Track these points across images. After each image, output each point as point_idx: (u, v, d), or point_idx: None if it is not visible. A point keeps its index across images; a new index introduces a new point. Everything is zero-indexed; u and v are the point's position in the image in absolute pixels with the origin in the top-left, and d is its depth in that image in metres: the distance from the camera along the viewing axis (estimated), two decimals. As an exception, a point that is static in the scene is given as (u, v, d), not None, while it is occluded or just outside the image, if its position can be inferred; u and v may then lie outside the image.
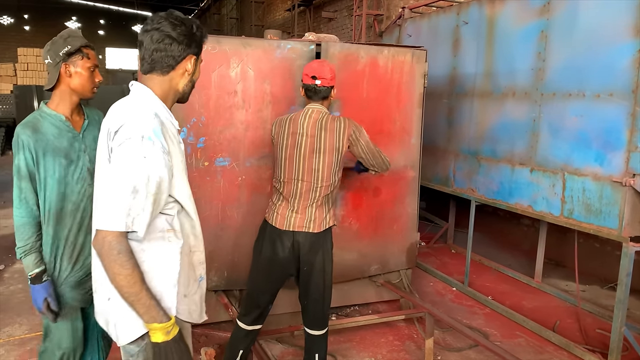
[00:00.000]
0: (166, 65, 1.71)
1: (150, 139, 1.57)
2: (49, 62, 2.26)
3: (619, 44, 3.41)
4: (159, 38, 1.69)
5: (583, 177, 3.69)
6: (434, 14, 5.54)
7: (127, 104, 1.71)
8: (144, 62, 1.72)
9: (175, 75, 1.75)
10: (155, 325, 1.57)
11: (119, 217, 1.53)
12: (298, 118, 2.84)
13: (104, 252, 1.53)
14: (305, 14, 13.92)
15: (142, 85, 1.74)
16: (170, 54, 1.70)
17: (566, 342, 3.83)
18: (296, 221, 2.79)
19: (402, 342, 3.89)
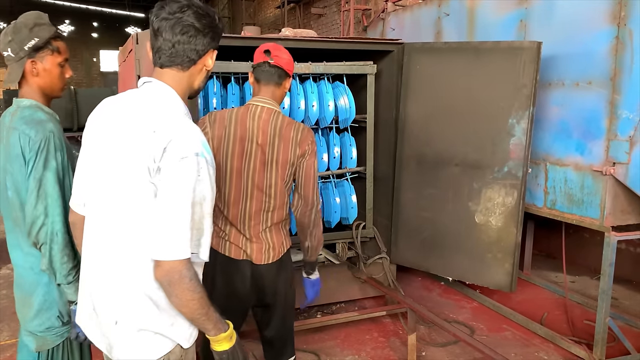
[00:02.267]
0: (187, 59, 1.55)
1: (203, 156, 1.46)
2: (10, 55, 1.94)
3: (597, 31, 3.37)
4: (183, 29, 1.52)
5: (565, 167, 3.65)
6: (416, 7, 5.49)
7: (156, 108, 1.52)
8: (161, 55, 1.54)
9: (194, 70, 1.60)
10: (221, 335, 1.56)
11: (185, 243, 1.43)
12: (245, 118, 2.31)
13: (175, 282, 1.43)
14: (295, 11, 13.86)
15: (165, 85, 1.56)
16: (194, 47, 1.54)
17: (552, 334, 3.80)
18: (253, 252, 2.33)
19: (387, 339, 3.85)
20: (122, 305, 1.53)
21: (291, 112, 4.02)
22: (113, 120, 1.56)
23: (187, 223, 1.43)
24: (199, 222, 1.48)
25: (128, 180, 1.48)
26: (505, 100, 3.67)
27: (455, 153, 3.89)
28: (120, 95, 1.63)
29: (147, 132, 1.46)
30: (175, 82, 1.57)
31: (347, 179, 4.41)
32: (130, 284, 1.51)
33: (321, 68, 4.04)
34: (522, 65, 3.56)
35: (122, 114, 1.55)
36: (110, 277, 1.54)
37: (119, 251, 1.52)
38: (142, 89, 1.58)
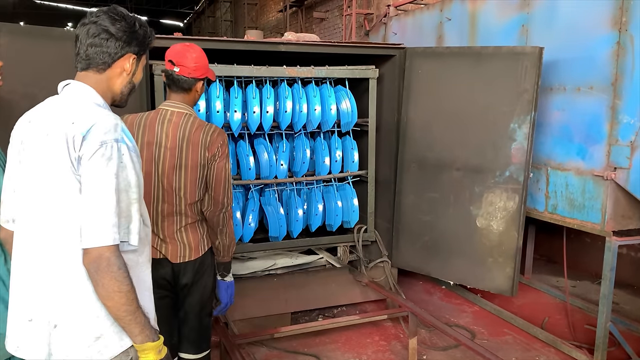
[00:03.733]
0: (101, 62, 1.59)
1: (123, 142, 1.49)
2: None
3: (598, 36, 3.38)
4: (95, 32, 1.57)
5: (566, 172, 3.66)
6: (418, 11, 5.51)
7: (74, 104, 1.55)
8: (79, 58, 1.60)
9: (112, 74, 1.62)
10: (149, 344, 1.51)
11: (112, 229, 1.43)
12: (155, 122, 2.34)
13: (102, 270, 1.42)
14: (297, 15, 13.90)
15: (82, 84, 1.59)
16: (105, 50, 1.58)
17: (553, 338, 3.80)
18: (168, 251, 2.38)
19: (388, 342, 3.86)
20: (61, 308, 1.50)
21: (293, 116, 4.04)
22: (34, 127, 1.55)
23: (111, 209, 1.44)
24: (127, 209, 1.49)
25: (52, 178, 1.49)
26: (506, 105, 3.68)
27: (456, 157, 3.90)
28: (41, 103, 1.64)
29: (66, 125, 1.48)
30: (93, 83, 1.60)
31: (348, 183, 4.42)
32: (68, 286, 1.50)
33: (323, 72, 4.06)
34: (523, 70, 3.58)
35: (43, 118, 1.56)
36: (46, 282, 1.51)
37: (53, 255, 1.50)
38: (62, 92, 1.61)
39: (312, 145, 4.38)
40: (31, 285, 1.54)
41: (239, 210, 4.09)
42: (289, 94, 4.00)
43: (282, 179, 4.25)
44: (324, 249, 4.57)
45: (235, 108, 3.89)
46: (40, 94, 3.01)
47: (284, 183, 4.36)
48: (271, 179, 4.19)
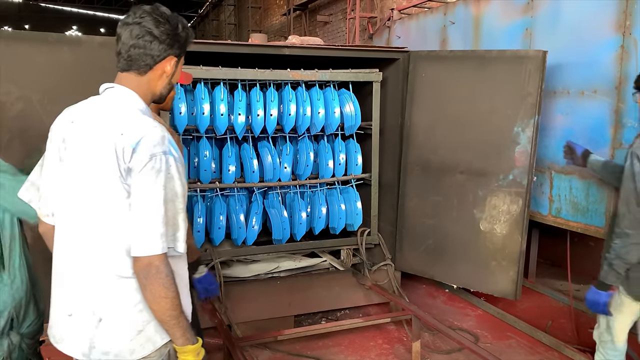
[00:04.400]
0: (144, 64, 1.60)
1: (170, 154, 1.53)
2: None
3: (602, 40, 3.38)
4: (139, 34, 1.56)
5: (570, 176, 3.66)
6: (422, 15, 5.52)
7: (121, 112, 1.58)
8: (121, 58, 1.61)
9: (153, 76, 1.64)
10: (189, 347, 1.57)
11: (159, 239, 1.49)
12: None
13: (151, 277, 1.49)
14: (301, 18, 13.93)
15: (126, 89, 1.61)
16: (149, 52, 1.58)
17: (557, 342, 3.79)
18: None
19: (391, 346, 3.86)
20: (106, 303, 1.56)
21: (297, 119, 4.05)
22: (79, 128, 1.59)
23: (160, 220, 1.49)
24: (173, 218, 1.54)
25: (100, 184, 1.53)
26: (510, 109, 3.69)
27: (460, 160, 3.91)
28: (83, 102, 1.67)
29: (115, 135, 1.51)
30: (134, 86, 1.62)
31: (352, 186, 4.43)
32: (113, 282, 1.55)
33: (327, 75, 4.08)
34: (527, 73, 3.58)
35: (88, 120, 1.59)
36: (91, 279, 1.57)
37: (98, 253, 1.55)
38: (104, 95, 1.63)
39: (315, 148, 4.40)
40: (75, 280, 1.60)
41: (242, 213, 4.11)
42: (293, 97, 4.02)
43: (285, 182, 4.26)
44: (327, 252, 4.58)
45: (239, 111, 3.91)
46: (34, 96, 3.10)
47: (287, 186, 4.37)
48: (275, 182, 4.20)
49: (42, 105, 3.17)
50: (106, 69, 3.15)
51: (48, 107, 3.18)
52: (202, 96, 3.80)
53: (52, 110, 3.13)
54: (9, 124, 3.13)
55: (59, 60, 3.19)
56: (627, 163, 2.49)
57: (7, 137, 3.12)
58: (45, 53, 3.16)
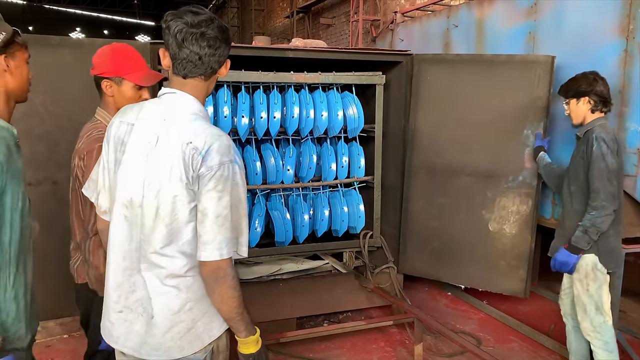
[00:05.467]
0: (211, 70, 1.62)
1: (236, 162, 1.57)
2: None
3: (605, 44, 3.39)
4: (210, 42, 1.57)
5: (573, 179, 3.65)
6: (425, 18, 5.53)
7: (186, 119, 1.59)
8: (186, 65, 1.58)
9: (212, 80, 1.68)
10: (251, 337, 1.65)
11: (227, 245, 1.55)
12: None
13: (220, 280, 1.56)
14: (304, 21, 13.97)
15: (189, 96, 1.62)
16: (217, 58, 1.61)
17: (560, 346, 3.78)
18: None
19: (393, 348, 3.85)
20: (158, 301, 1.61)
21: (300, 121, 4.06)
22: (141, 132, 1.62)
23: (227, 226, 1.55)
24: (237, 222, 1.60)
25: (164, 188, 1.56)
26: (520, 112, 3.74)
27: (467, 163, 3.93)
28: (140, 106, 1.68)
29: (183, 143, 1.54)
30: (197, 91, 1.63)
31: (355, 188, 4.43)
32: (165, 281, 1.60)
33: (330, 78, 4.09)
34: (537, 78, 3.65)
35: (152, 125, 1.61)
36: (143, 277, 1.62)
37: (154, 253, 1.59)
38: (167, 101, 1.63)
39: (318, 150, 4.40)
40: (128, 277, 1.64)
41: (245, 215, 4.11)
42: (296, 100, 4.03)
43: (288, 184, 4.27)
44: (329, 254, 4.58)
45: (242, 113, 3.92)
46: (37, 98, 3.12)
47: (290, 188, 4.37)
48: (278, 184, 4.21)
49: (45, 107, 3.20)
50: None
51: (50, 108, 3.20)
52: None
53: (54, 112, 3.20)
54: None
55: (61, 62, 3.21)
56: (594, 147, 2.84)
57: None
58: (47, 55, 3.18)
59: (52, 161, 3.20)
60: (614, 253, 3.00)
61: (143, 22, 30.91)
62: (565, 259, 2.99)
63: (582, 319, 3.07)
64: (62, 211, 3.22)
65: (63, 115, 3.21)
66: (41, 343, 3.84)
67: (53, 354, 3.72)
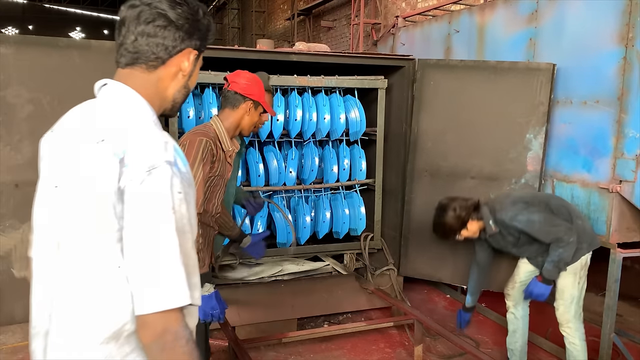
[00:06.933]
0: (154, 57, 1.21)
1: (176, 165, 1.12)
2: None
3: (605, 51, 3.44)
4: (149, 17, 1.19)
5: (571, 184, 3.71)
6: (427, 23, 5.58)
7: (112, 113, 1.16)
8: (124, 50, 1.22)
9: (165, 74, 1.24)
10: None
11: (183, 283, 1.07)
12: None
13: (169, 347, 1.06)
14: (305, 23, 14.02)
15: (123, 85, 1.21)
16: (161, 41, 1.20)
17: (557, 349, 3.83)
18: None
19: (393, 350, 3.89)
20: None
21: (303, 124, 4.11)
22: (53, 139, 1.21)
23: (177, 255, 1.07)
24: (187, 256, 1.11)
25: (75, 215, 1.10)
26: (522, 117, 3.84)
27: (471, 166, 3.99)
28: (72, 109, 1.26)
29: (90, 143, 1.10)
30: (138, 86, 1.22)
31: (356, 191, 4.48)
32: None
33: (333, 82, 4.13)
34: (539, 84, 3.74)
35: (65, 129, 1.20)
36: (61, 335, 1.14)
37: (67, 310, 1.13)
38: (99, 94, 1.25)
39: (320, 153, 4.45)
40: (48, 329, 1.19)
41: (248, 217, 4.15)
42: (299, 103, 4.07)
43: (290, 186, 4.31)
44: (330, 256, 4.62)
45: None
46: (44, 99, 3.16)
47: (292, 190, 4.42)
48: (280, 186, 4.25)
49: (52, 107, 3.23)
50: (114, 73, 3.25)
51: (58, 108, 3.23)
52: (210, 100, 3.85)
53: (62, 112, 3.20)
54: (19, 125, 3.18)
55: (69, 64, 3.25)
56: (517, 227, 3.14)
57: (17, 138, 3.18)
58: (55, 57, 3.22)
59: (58, 161, 3.24)
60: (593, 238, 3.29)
61: (143, 22, 30.93)
62: (543, 291, 3.17)
63: (566, 309, 3.28)
64: (68, 211, 3.28)
65: (70, 116, 3.24)
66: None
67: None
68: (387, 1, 9.70)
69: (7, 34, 3.38)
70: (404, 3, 9.13)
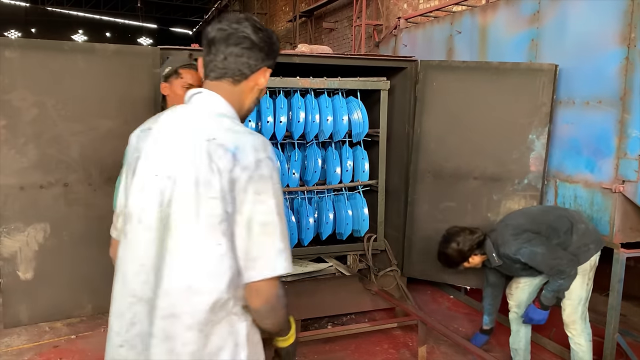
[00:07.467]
0: (239, 72, 1.46)
1: (276, 160, 1.39)
2: None
3: (607, 51, 3.44)
4: (237, 40, 1.43)
5: (574, 184, 3.71)
6: (429, 24, 5.59)
7: (215, 116, 1.41)
8: (214, 66, 1.46)
9: (245, 87, 1.49)
10: (291, 331, 1.61)
11: (289, 253, 1.36)
12: None
13: (275, 307, 1.38)
14: (306, 25, 14.04)
15: (214, 93, 1.45)
16: (246, 60, 1.45)
17: (561, 349, 3.83)
18: None
19: (397, 350, 3.90)
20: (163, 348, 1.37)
21: (306, 126, 4.12)
22: (157, 138, 1.44)
23: (284, 231, 1.35)
24: (283, 232, 1.37)
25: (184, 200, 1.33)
26: (525, 117, 3.85)
27: (474, 167, 4.00)
28: (166, 112, 1.56)
29: (204, 140, 1.34)
30: (225, 95, 1.47)
31: (359, 192, 4.48)
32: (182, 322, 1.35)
33: (336, 83, 4.14)
34: (541, 85, 3.75)
35: (169, 129, 1.44)
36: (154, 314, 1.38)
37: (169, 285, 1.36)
38: (194, 102, 1.47)
39: (323, 154, 4.46)
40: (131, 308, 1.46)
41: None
42: (302, 105, 4.09)
43: (293, 188, 4.32)
44: (333, 257, 4.63)
45: (249, 118, 3.97)
46: (49, 102, 3.19)
47: (295, 192, 4.43)
48: (283, 188, 4.26)
49: (57, 111, 3.25)
50: (118, 76, 3.28)
51: (62, 112, 3.26)
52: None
53: (66, 115, 3.26)
54: (24, 128, 3.20)
55: (73, 67, 3.27)
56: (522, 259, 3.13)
57: (22, 141, 3.20)
58: (59, 61, 3.24)
59: (63, 164, 3.26)
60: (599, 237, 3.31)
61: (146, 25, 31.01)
62: (543, 317, 3.22)
63: (573, 310, 3.28)
64: (73, 213, 3.30)
65: (74, 118, 3.27)
66: (49, 343, 3.89)
67: (61, 354, 3.76)
68: (388, 2, 9.71)
69: (12, 38, 3.39)
70: (405, 4, 9.13)
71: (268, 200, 1.33)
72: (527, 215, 3.39)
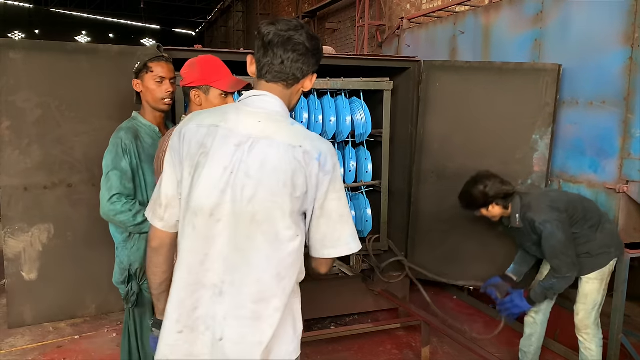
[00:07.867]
0: (293, 77, 1.57)
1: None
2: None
3: (611, 51, 3.44)
4: (295, 47, 1.53)
5: (578, 185, 3.70)
6: (432, 24, 5.59)
7: (290, 123, 1.57)
8: (270, 69, 1.56)
9: (295, 90, 1.62)
10: None
11: (356, 237, 1.63)
12: None
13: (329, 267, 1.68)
14: (309, 25, 14.03)
15: (277, 98, 1.59)
16: (301, 66, 1.57)
17: (566, 350, 3.82)
18: None
19: (400, 351, 3.90)
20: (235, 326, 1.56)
21: (309, 126, 4.12)
22: (233, 135, 1.54)
23: (351, 222, 1.62)
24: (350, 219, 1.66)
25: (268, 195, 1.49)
26: (528, 118, 3.85)
27: (478, 167, 3.95)
28: (223, 109, 1.62)
29: (291, 147, 1.51)
30: (280, 97, 1.60)
31: (362, 193, 4.48)
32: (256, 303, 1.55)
33: (339, 84, 4.14)
34: (545, 85, 3.74)
35: (245, 128, 1.54)
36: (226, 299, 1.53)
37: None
38: (257, 103, 1.58)
39: (326, 155, 4.44)
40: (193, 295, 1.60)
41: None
42: (305, 105, 4.09)
43: (297, 188, 4.31)
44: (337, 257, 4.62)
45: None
46: (53, 103, 3.20)
47: (298, 192, 4.41)
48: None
49: (61, 112, 3.26)
50: (122, 76, 3.28)
51: (66, 113, 3.27)
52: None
53: (70, 116, 3.27)
54: (28, 129, 3.21)
55: (77, 68, 3.27)
56: (542, 231, 3.04)
57: (26, 142, 3.21)
58: (64, 62, 3.25)
59: (67, 164, 3.27)
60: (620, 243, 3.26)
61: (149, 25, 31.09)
62: (520, 308, 3.25)
63: (587, 315, 3.25)
64: (77, 214, 3.31)
65: (78, 119, 3.27)
66: (52, 344, 3.91)
67: (65, 354, 3.78)
68: (391, 3, 9.71)
69: (17, 39, 3.40)
70: (408, 5, 9.13)
71: (342, 196, 1.59)
72: (564, 196, 3.27)
